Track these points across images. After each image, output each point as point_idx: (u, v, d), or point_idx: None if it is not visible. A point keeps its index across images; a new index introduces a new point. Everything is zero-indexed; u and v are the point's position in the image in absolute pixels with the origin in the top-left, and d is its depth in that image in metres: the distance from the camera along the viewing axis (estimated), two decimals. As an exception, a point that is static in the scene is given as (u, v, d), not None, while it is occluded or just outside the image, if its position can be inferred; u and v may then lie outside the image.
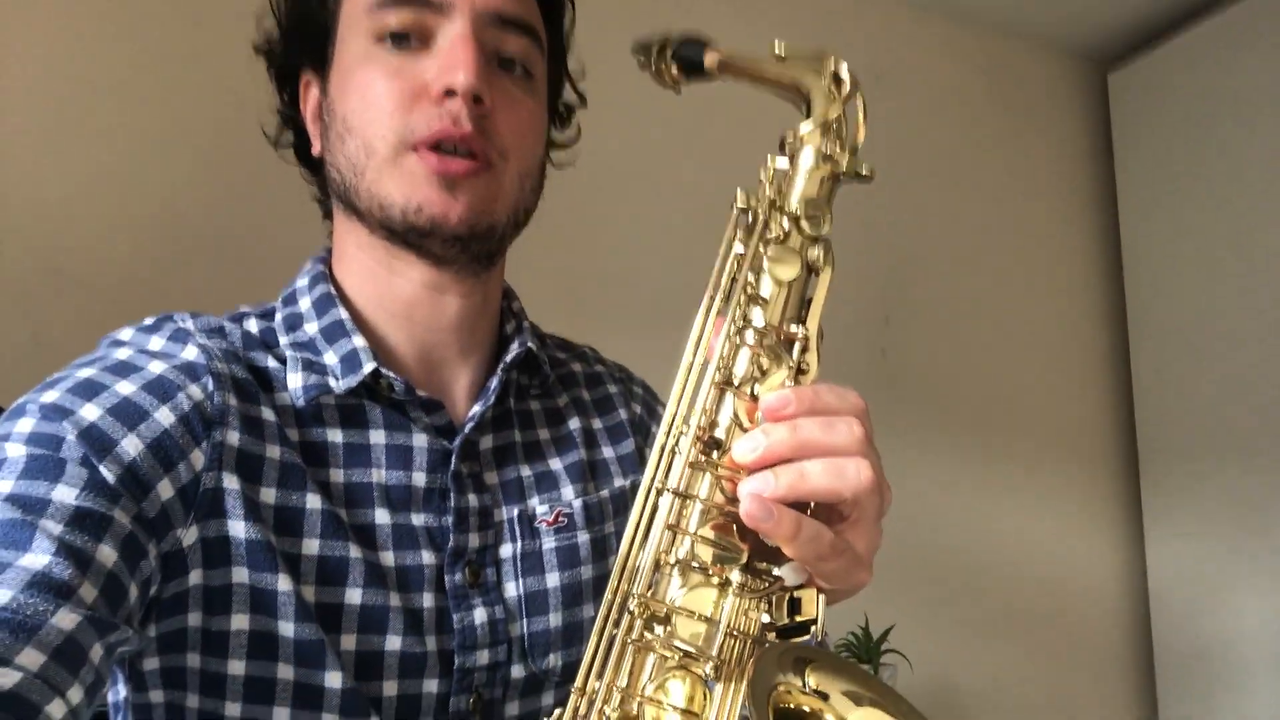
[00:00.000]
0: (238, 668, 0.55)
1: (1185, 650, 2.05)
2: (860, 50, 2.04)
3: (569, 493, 0.66)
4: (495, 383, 0.65)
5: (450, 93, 0.59)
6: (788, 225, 0.54)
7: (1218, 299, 2.04)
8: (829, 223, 0.55)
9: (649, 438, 0.74)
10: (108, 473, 0.51)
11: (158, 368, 0.57)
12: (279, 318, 0.64)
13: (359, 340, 0.62)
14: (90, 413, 0.53)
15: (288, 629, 0.55)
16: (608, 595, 0.51)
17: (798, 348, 0.53)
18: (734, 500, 0.50)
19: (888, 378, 2.04)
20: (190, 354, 0.58)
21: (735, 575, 0.50)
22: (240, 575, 0.55)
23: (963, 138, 2.23)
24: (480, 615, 0.60)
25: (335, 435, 0.61)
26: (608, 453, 0.71)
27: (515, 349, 0.67)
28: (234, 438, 0.56)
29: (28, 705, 0.44)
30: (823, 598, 0.50)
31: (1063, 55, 2.38)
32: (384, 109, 0.60)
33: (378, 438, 0.61)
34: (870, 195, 0.55)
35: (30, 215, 1.44)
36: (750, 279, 0.54)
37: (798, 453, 0.49)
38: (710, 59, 0.63)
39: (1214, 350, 2.04)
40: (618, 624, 0.50)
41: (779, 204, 0.55)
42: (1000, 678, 2.03)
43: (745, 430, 0.51)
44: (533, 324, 0.73)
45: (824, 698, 0.49)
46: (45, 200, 1.45)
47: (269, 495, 0.57)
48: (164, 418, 0.54)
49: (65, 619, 0.47)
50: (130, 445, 0.53)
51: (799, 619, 0.50)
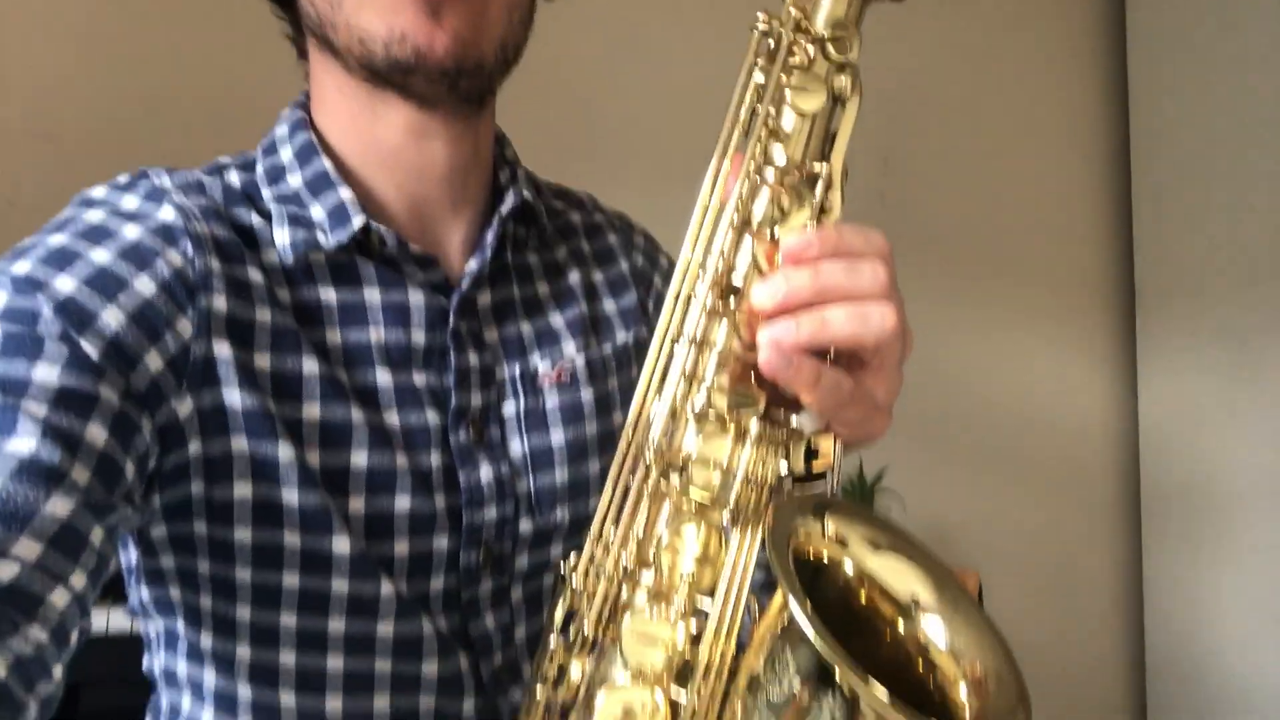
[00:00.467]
0: (244, 535, 0.54)
1: (1171, 486, 2.12)
2: None
3: (571, 349, 0.65)
4: (491, 237, 0.62)
5: None
6: (812, 50, 0.50)
7: (1222, 136, 2.00)
8: (858, 47, 0.50)
9: (650, 289, 0.72)
10: (90, 348, 0.49)
11: (133, 232, 0.53)
12: (260, 169, 0.60)
13: (345, 192, 0.58)
14: (65, 285, 0.50)
15: (291, 496, 0.54)
16: (622, 444, 0.50)
17: (821, 186, 0.50)
18: (751, 348, 0.48)
19: (884, 221, 2.01)
20: (167, 215, 0.54)
21: (752, 424, 0.48)
22: (239, 444, 0.53)
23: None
24: (486, 473, 0.59)
25: (328, 294, 0.58)
26: (609, 306, 0.69)
27: (510, 200, 0.63)
28: (220, 303, 0.54)
29: (29, 596, 0.44)
30: (840, 444, 0.49)
31: None
32: None
33: (372, 296, 0.59)
34: (868, 31, 0.51)
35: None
36: (771, 111, 0.50)
37: (819, 298, 0.47)
38: None
39: (1215, 186, 2.02)
40: (633, 473, 0.50)
41: (804, 25, 0.50)
42: (991, 515, 2.11)
43: (764, 274, 0.49)
44: (528, 170, 0.69)
45: (843, 544, 0.49)
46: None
47: (263, 360, 0.55)
48: (144, 287, 0.52)
49: (59, 505, 0.45)
50: (111, 318, 0.50)
51: (816, 467, 0.49)
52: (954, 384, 2.03)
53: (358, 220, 0.57)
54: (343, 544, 0.55)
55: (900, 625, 0.49)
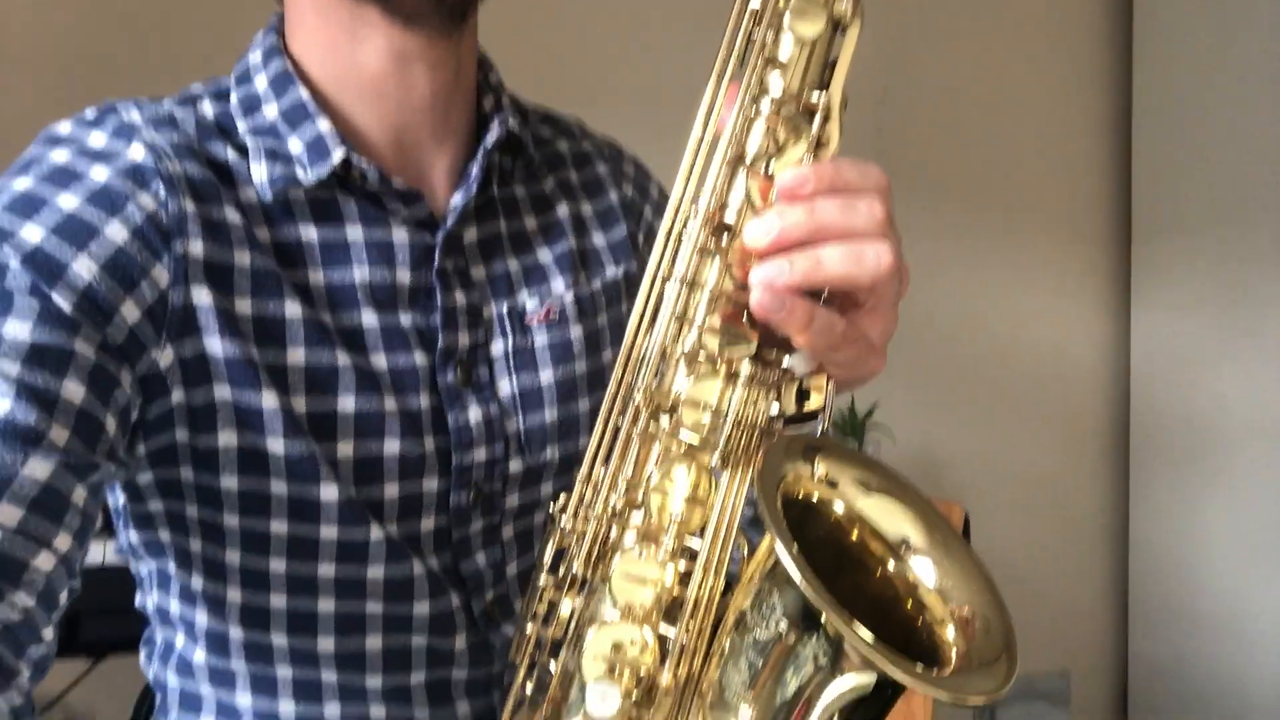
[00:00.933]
0: (230, 483, 0.54)
1: (1161, 422, 2.13)
2: None
3: (559, 285, 0.63)
4: (476, 170, 0.60)
5: None
6: (812, -27, 0.48)
7: (1224, 73, 1.96)
8: (859, -30, 0.48)
9: (640, 221, 0.70)
10: (62, 301, 0.47)
11: (101, 174, 0.51)
12: (235, 99, 0.58)
13: (324, 124, 0.56)
14: (33, 234, 0.48)
15: (277, 445, 0.53)
16: (611, 386, 0.50)
17: (818, 118, 0.48)
18: (744, 287, 0.47)
19: (880, 154, 1.97)
20: (137, 154, 0.52)
21: (744, 365, 0.48)
22: (223, 393, 0.52)
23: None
24: (475, 414, 0.58)
25: (309, 232, 0.56)
26: (599, 240, 0.67)
27: (495, 129, 0.61)
28: (197, 247, 0.52)
29: (12, 562, 0.43)
30: (832, 385, 0.48)
31: None
32: None
33: (355, 234, 0.57)
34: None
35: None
36: (768, 39, 0.48)
37: (814, 236, 0.46)
38: None
39: (1215, 124, 1.99)
40: (623, 414, 0.49)
41: (803, -53, 0.48)
42: (980, 449, 2.12)
43: (758, 211, 0.47)
44: (513, 95, 0.67)
45: (833, 485, 0.49)
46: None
47: (244, 306, 0.53)
48: (116, 233, 0.50)
49: (38, 467, 0.45)
50: (83, 268, 0.48)
51: (808, 408, 0.48)
52: (947, 319, 2.03)
53: (338, 154, 0.55)
54: (331, 491, 0.54)
55: (890, 565, 0.49)
